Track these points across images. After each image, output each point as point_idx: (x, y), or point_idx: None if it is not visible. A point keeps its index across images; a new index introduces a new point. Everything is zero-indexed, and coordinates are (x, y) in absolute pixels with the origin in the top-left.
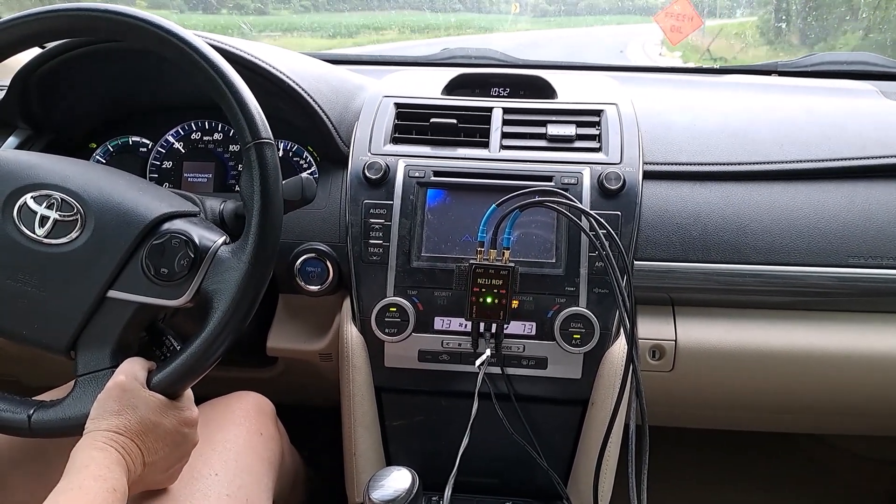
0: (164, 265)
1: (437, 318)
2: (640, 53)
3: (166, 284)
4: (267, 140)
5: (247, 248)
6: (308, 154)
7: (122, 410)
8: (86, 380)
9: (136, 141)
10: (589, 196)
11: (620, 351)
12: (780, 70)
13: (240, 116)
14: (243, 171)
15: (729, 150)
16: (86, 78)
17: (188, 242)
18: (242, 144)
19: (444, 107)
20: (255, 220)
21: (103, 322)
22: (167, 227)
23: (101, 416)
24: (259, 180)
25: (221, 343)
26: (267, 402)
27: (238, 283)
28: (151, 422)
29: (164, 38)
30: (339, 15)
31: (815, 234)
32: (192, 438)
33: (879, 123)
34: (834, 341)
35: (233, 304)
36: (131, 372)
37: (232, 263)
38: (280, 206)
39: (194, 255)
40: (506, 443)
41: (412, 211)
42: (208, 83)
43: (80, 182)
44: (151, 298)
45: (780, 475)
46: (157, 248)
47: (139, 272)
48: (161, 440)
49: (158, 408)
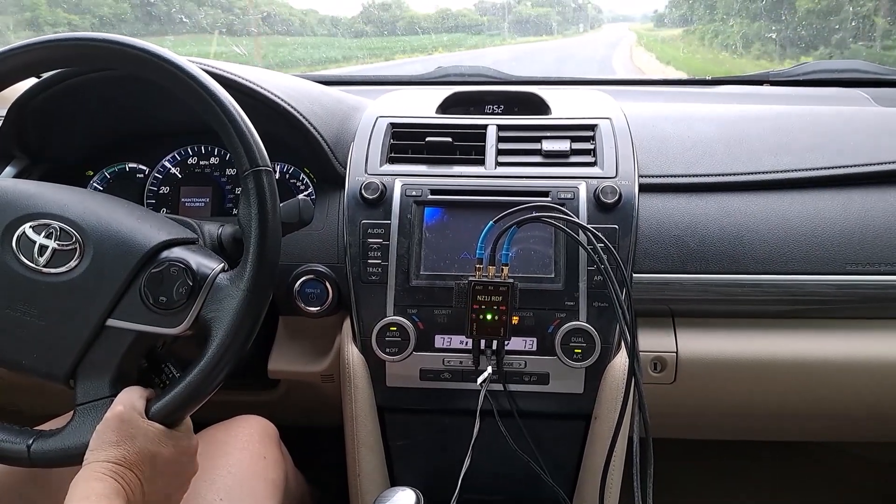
0: (163, 293)
1: (438, 336)
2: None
3: (165, 312)
4: (265, 168)
5: (245, 276)
6: (305, 176)
7: (121, 441)
8: (85, 409)
9: (133, 167)
10: (586, 210)
11: (622, 364)
12: (771, 80)
13: (238, 144)
14: (241, 199)
15: (723, 161)
16: (82, 106)
17: (186, 270)
18: (240, 172)
19: (439, 125)
20: (252, 247)
21: (102, 350)
22: (165, 255)
23: (100, 448)
24: (257, 207)
25: (220, 371)
26: (270, 425)
27: (236, 311)
28: (150, 452)
29: (159, 66)
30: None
31: (811, 242)
32: (190, 468)
33: (872, 130)
34: (834, 348)
35: (231, 331)
36: (129, 402)
37: (230, 291)
38: (278, 234)
39: (192, 283)
40: (510, 459)
41: (410, 230)
42: (206, 111)
43: (79, 211)
44: (150, 327)
45: (787, 482)
46: (156, 276)
47: (138, 300)
48: (160, 470)
49: (157, 438)
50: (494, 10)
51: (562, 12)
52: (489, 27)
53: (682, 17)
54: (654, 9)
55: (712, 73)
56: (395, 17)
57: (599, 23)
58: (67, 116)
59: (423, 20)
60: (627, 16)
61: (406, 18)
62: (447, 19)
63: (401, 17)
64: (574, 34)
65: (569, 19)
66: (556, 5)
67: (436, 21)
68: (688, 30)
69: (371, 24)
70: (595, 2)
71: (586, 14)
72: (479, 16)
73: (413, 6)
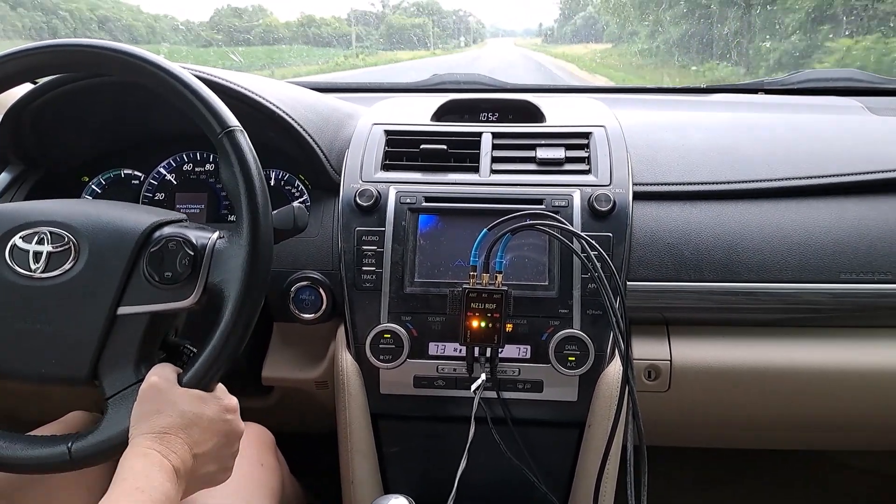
0: (167, 269)
1: (432, 343)
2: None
3: (173, 287)
4: (236, 127)
5: (243, 232)
6: (300, 183)
7: (162, 408)
8: (116, 399)
9: (128, 173)
10: (580, 218)
11: (616, 372)
12: (766, 88)
13: (204, 111)
14: (220, 163)
15: (718, 170)
16: (77, 112)
17: (185, 242)
18: (213, 137)
19: (433, 133)
20: (244, 203)
21: (120, 340)
22: (160, 233)
23: (141, 420)
24: (238, 165)
25: (243, 327)
26: (266, 432)
27: (244, 267)
28: (193, 413)
29: (110, 57)
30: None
31: (806, 250)
32: (236, 425)
33: (866, 139)
34: (829, 357)
35: (244, 287)
36: (162, 374)
37: (232, 251)
38: (265, 186)
39: (194, 253)
40: (503, 467)
41: (404, 237)
42: (167, 89)
43: (65, 212)
44: (162, 304)
45: (780, 491)
46: (156, 254)
47: (144, 282)
48: (206, 430)
49: (197, 399)
50: (367, 19)
51: (440, 23)
52: (359, 38)
53: (574, 31)
54: (538, 23)
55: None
56: (250, 24)
57: (482, 37)
58: (63, 122)
59: (282, 28)
60: (509, 31)
61: (262, 26)
62: (310, 27)
63: (256, 24)
64: (455, 49)
65: (449, 32)
66: (435, 14)
67: (296, 30)
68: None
69: (222, 32)
70: (477, 15)
71: (468, 26)
72: (347, 26)
73: (276, 12)
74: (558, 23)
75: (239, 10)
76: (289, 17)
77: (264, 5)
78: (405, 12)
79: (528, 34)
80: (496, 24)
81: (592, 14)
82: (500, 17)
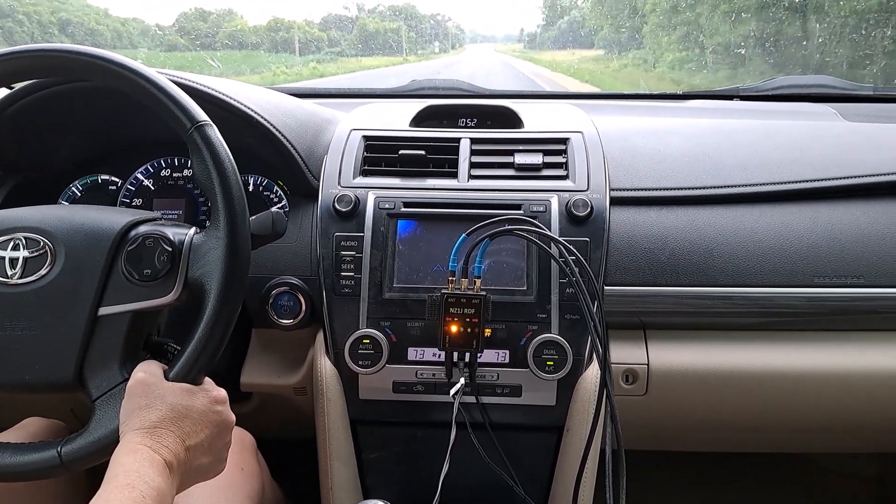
0: (146, 266)
1: (411, 348)
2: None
3: (153, 284)
4: (207, 122)
5: (220, 224)
6: (278, 188)
7: (152, 403)
8: (103, 400)
9: (106, 179)
10: (557, 223)
11: (594, 376)
12: (741, 94)
13: (172, 107)
14: (193, 158)
15: (694, 175)
16: (54, 118)
17: (162, 239)
18: (184, 133)
19: (412, 138)
20: (219, 195)
21: (103, 341)
22: (136, 232)
23: (130, 417)
24: (211, 158)
25: (226, 319)
26: (248, 435)
27: (223, 258)
28: (183, 406)
29: (84, 63)
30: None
31: (780, 255)
32: (227, 416)
33: (839, 145)
34: (804, 360)
35: (225, 277)
36: (148, 369)
37: (210, 244)
38: (238, 179)
39: (172, 249)
40: (483, 472)
41: (383, 242)
42: (134, 88)
43: (39, 217)
44: (143, 302)
45: (759, 494)
46: (134, 253)
47: (123, 281)
48: (197, 422)
49: (185, 392)
50: (342, 24)
51: (417, 28)
52: (331, 42)
53: (561, 36)
54: (520, 28)
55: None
56: (217, 28)
57: (461, 42)
58: (40, 127)
59: (251, 33)
60: (489, 36)
61: (227, 31)
62: (279, 31)
63: (221, 28)
64: (431, 55)
65: (427, 38)
66: (412, 19)
67: (264, 34)
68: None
69: (186, 35)
70: (456, 20)
71: (446, 31)
72: (318, 30)
73: (246, 15)
74: (541, 28)
75: (204, 13)
76: (259, 21)
77: (235, 8)
78: (380, 16)
79: (509, 40)
80: (475, 30)
81: (577, 18)
82: (479, 23)
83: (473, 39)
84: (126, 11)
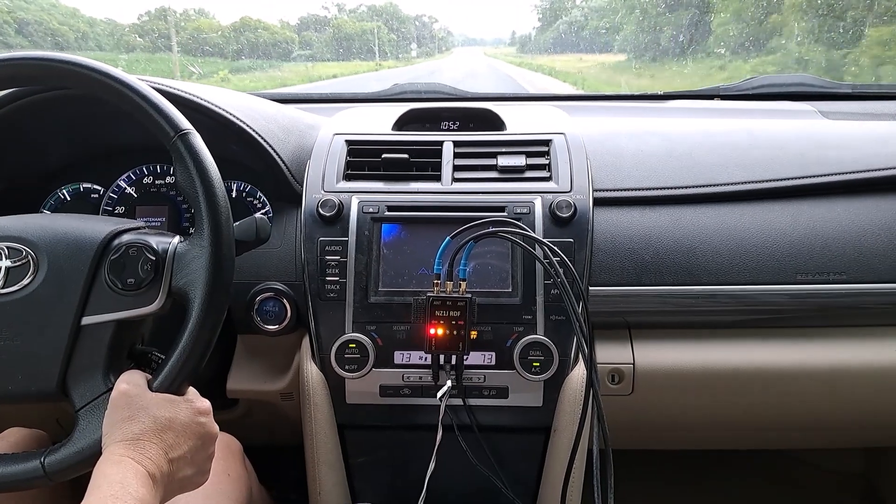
0: (129, 275)
1: (397, 352)
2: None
3: (137, 293)
4: (189, 130)
5: (204, 233)
6: (261, 194)
7: (134, 415)
8: (87, 409)
9: (88, 187)
10: (541, 224)
11: (580, 377)
12: (722, 94)
13: (156, 116)
14: (176, 166)
15: (676, 175)
16: (35, 126)
17: (145, 248)
18: (167, 141)
19: (395, 142)
20: (203, 203)
21: (87, 351)
22: (119, 241)
23: (113, 428)
24: (194, 166)
25: (209, 328)
26: (234, 440)
27: (207, 268)
28: (166, 417)
29: (64, 71)
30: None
31: (763, 253)
32: (211, 427)
33: (820, 143)
34: (788, 357)
35: (209, 286)
36: (132, 380)
37: (194, 252)
38: (222, 186)
39: (155, 258)
40: (471, 474)
41: (367, 246)
42: (115, 96)
43: (21, 227)
44: (126, 311)
45: (748, 491)
46: (117, 262)
47: (107, 291)
48: (181, 434)
49: (169, 403)
50: (318, 24)
51: (398, 30)
52: (303, 44)
53: (555, 40)
54: (511, 31)
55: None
56: (177, 27)
57: (447, 45)
58: (21, 136)
59: (212, 33)
60: (478, 39)
61: (189, 31)
62: (246, 32)
63: (181, 28)
64: (414, 59)
65: (408, 39)
66: (393, 20)
67: (229, 37)
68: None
69: (145, 36)
70: (444, 23)
71: (432, 33)
72: (288, 31)
73: (217, 15)
74: (536, 30)
75: (163, 12)
76: (227, 21)
77: (206, 7)
78: (358, 16)
79: (498, 43)
80: (465, 33)
81: (578, 19)
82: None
83: (463, 43)
84: (99, 12)
